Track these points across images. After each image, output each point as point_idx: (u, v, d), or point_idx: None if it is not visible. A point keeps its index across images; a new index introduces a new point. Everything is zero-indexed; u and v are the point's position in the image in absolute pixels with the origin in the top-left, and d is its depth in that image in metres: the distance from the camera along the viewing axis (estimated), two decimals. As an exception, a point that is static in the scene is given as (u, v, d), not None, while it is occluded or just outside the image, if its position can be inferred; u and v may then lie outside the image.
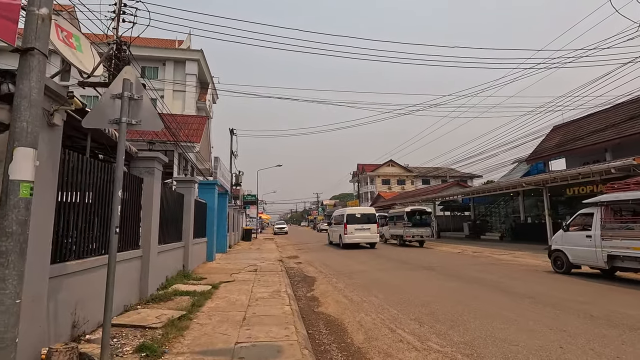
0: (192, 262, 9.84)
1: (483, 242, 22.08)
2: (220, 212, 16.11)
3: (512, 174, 31.28)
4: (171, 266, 7.89)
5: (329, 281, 9.05)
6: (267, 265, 11.57)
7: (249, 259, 13.51)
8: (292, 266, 12.54)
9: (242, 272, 10.03)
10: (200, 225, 11.55)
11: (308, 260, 14.15)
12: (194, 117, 25.31)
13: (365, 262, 13.09)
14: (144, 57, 33.09)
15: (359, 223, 19.01)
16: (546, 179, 15.65)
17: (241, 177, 33.41)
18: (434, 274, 9.78)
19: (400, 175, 64.61)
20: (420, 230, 20.13)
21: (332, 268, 11.54)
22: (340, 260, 13.98)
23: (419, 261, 12.89)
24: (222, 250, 15.90)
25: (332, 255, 16.26)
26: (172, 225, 8.00)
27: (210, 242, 12.46)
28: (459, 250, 17.35)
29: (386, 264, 12.18)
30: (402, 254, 15.76)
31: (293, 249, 20.95)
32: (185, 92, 33.71)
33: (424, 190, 38.74)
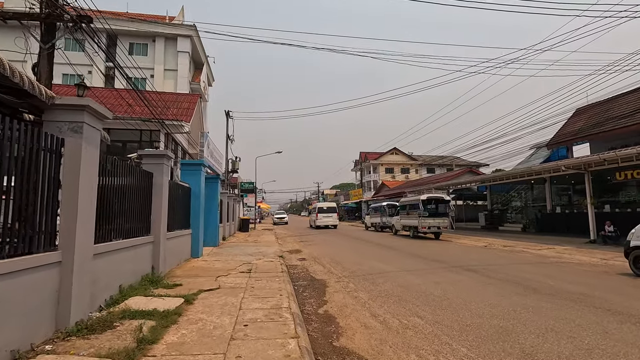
0: (168, 262, 7.66)
1: (505, 234, 19.94)
2: (209, 199, 13.88)
3: (529, 161, 29.00)
4: (128, 271, 5.68)
5: (346, 288, 6.87)
6: (265, 264, 9.40)
7: (243, 255, 11.35)
8: (295, 264, 10.38)
9: (232, 273, 7.85)
10: (182, 215, 9.34)
11: (313, 256, 11.99)
12: (185, 95, 22.89)
13: (385, 258, 10.92)
14: (131, 32, 30.39)
15: (325, 213, 29.80)
16: (591, 161, 13.39)
17: (238, 163, 31.15)
18: (482, 277, 7.58)
19: (404, 164, 62.32)
20: (437, 221, 17.97)
21: (344, 267, 9.38)
22: (352, 255, 11.82)
23: (448, 258, 10.72)
24: (212, 243, 13.72)
25: (342, 250, 14.09)
26: (128, 213, 5.77)
27: (195, 234, 10.27)
28: (484, 244, 15.20)
29: (411, 262, 10.00)
30: (422, 249, 13.59)
31: (294, 241, 18.81)
32: (178, 71, 31.15)
33: (435, 178, 36.50)
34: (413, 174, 60.79)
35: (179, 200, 8.99)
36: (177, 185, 8.84)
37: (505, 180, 19.50)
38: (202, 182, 10.49)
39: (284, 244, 17.11)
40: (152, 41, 31.17)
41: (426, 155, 64.52)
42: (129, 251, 5.68)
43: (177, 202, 8.81)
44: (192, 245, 10.23)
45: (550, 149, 27.38)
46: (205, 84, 36.93)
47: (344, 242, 17.15)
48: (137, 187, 6.18)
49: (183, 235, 9.31)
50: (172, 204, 8.19)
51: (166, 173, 7.17)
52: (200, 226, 10.49)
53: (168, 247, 7.61)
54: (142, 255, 6.33)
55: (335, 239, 19.61)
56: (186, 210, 9.85)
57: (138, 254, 6.11)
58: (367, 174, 63.24)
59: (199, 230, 10.36)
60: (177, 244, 8.60)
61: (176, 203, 8.67)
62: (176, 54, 31.24)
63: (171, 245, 7.99)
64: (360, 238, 19.82)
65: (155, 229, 6.83)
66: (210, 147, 11.30)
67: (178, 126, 17.52)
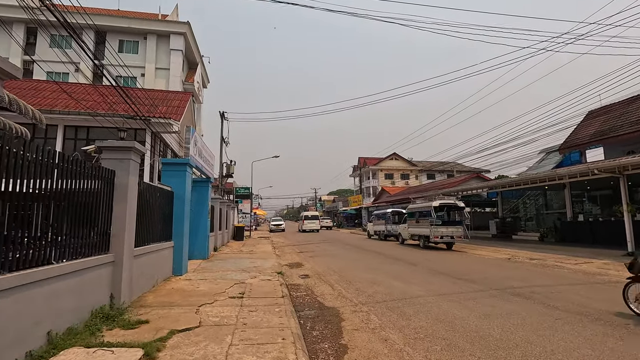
0: (136, 285, 5.98)
1: (522, 244, 18.39)
2: (198, 205, 12.22)
3: (540, 166, 27.62)
4: (66, 308, 4.00)
5: (367, 322, 5.22)
6: (261, 284, 7.73)
7: (236, 270, 9.66)
8: (297, 282, 8.71)
9: (219, 300, 6.17)
10: (161, 224, 7.68)
11: (317, 272, 10.32)
12: (175, 92, 21.27)
13: (402, 275, 9.28)
14: (122, 28, 28.93)
15: (310, 219, 37.13)
16: (628, 163, 11.91)
17: (233, 167, 29.46)
18: (540, 307, 5.95)
19: (404, 170, 60.92)
20: (450, 230, 16.39)
21: (358, 288, 7.72)
22: (362, 271, 10.15)
23: (478, 275, 9.10)
24: (201, 255, 12.02)
25: (348, 263, 12.43)
26: (72, 225, 4.14)
27: (179, 247, 8.59)
28: (506, 256, 13.61)
29: (436, 281, 8.36)
30: (441, 262, 11.98)
31: (293, 251, 17.12)
32: (170, 69, 29.58)
33: (440, 184, 35.00)
34: (413, 179, 59.40)
35: (157, 207, 7.34)
36: (153, 188, 7.18)
37: (522, 185, 18.01)
38: (187, 184, 8.84)
39: (283, 255, 15.42)
40: (143, 38, 29.62)
41: (426, 161, 63.27)
42: (67, 279, 4.01)
43: (154, 209, 7.15)
44: (175, 260, 8.55)
45: (563, 154, 26.05)
46: (199, 85, 35.37)
47: (349, 254, 15.48)
48: (90, 189, 4.54)
49: (162, 250, 7.62)
50: (146, 211, 6.54)
51: (134, 172, 5.52)
52: (185, 237, 8.81)
53: (137, 266, 5.94)
54: (94, 281, 4.65)
55: (338, 249, 17.94)
56: (167, 218, 8.19)
57: (87, 281, 4.43)
58: (365, 180, 61.75)
59: (182, 242, 8.67)
60: (152, 260, 6.91)
61: (152, 210, 7.02)
62: (169, 52, 29.71)
63: (143, 264, 6.31)
64: (365, 248, 18.17)
65: (117, 244, 5.15)
66: (199, 145, 9.68)
67: (166, 125, 15.87)
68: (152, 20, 30.05)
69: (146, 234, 6.66)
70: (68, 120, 15.08)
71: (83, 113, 14.67)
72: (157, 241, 7.42)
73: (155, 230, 7.26)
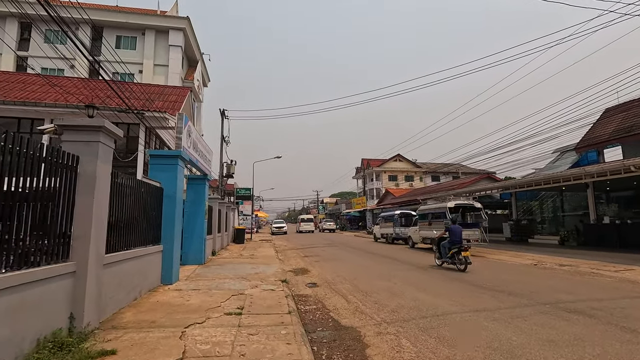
0: (112, 300, 4.87)
1: (542, 248, 17.19)
2: (194, 205, 11.13)
3: (554, 166, 26.42)
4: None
5: (398, 349, 4.07)
6: (263, 295, 6.60)
7: (235, 278, 8.53)
8: (304, 293, 7.57)
9: (212, 317, 5.05)
10: (146, 224, 6.58)
11: (326, 279, 9.18)
12: (173, 87, 20.31)
13: (425, 285, 8.11)
14: (119, 23, 27.97)
15: (305, 222, 43.72)
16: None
17: (234, 167, 28.37)
18: (612, 329, 4.78)
19: (408, 171, 59.77)
20: (466, 233, 15.20)
21: (377, 300, 6.57)
22: (377, 279, 8.99)
23: (513, 286, 7.93)
24: (197, 260, 10.90)
25: (359, 269, 11.28)
26: (13, 224, 3.03)
27: (168, 251, 7.47)
28: (531, 261, 12.43)
29: (468, 293, 7.20)
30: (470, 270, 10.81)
31: (297, 255, 15.98)
32: (169, 66, 28.59)
33: (449, 185, 33.81)
34: (417, 181, 58.22)
35: (141, 204, 6.24)
36: (136, 182, 6.08)
37: (543, 184, 16.83)
38: (179, 180, 7.73)
39: (286, 259, 14.28)
40: (141, 34, 28.67)
41: (430, 162, 62.09)
42: None
43: (138, 207, 6.04)
44: (164, 267, 7.43)
45: (579, 153, 24.86)
46: (199, 83, 34.35)
47: (357, 259, 14.33)
48: (43, 178, 3.44)
49: (147, 255, 6.51)
50: (126, 208, 5.43)
51: (105, 158, 4.42)
52: (176, 240, 7.69)
53: (112, 276, 4.83)
54: (46, 298, 3.52)
55: (345, 253, 16.79)
56: (155, 218, 7.08)
57: (33, 300, 3.31)
58: (369, 182, 60.57)
59: (173, 246, 7.55)
60: (133, 268, 5.79)
61: (135, 208, 5.91)
62: (167, 48, 28.74)
63: (121, 273, 5.20)
64: (374, 252, 17.01)
65: (80, 249, 4.03)
66: (193, 137, 8.59)
67: (162, 119, 14.82)
68: (150, 15, 29.11)
69: (126, 237, 5.55)
70: (55, 114, 14.03)
71: (71, 106, 13.62)
72: (141, 245, 6.31)
73: (139, 232, 6.15)
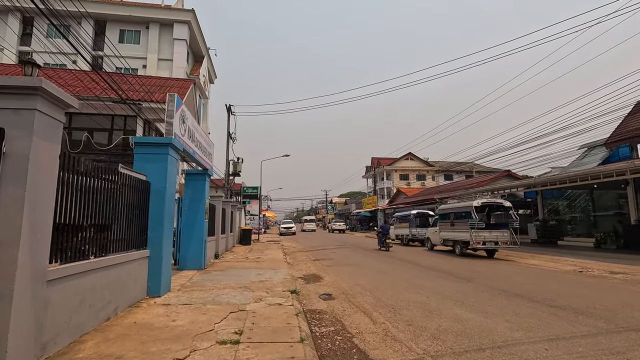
0: (68, 326, 3.65)
1: (575, 252, 15.62)
2: (192, 203, 9.94)
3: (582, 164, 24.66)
4: None
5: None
6: (268, 313, 5.32)
7: (236, 288, 7.29)
8: (319, 308, 6.28)
9: (200, 348, 3.79)
10: (127, 225, 5.38)
11: (343, 289, 7.87)
12: (175, 79, 19.22)
13: (465, 299, 6.75)
14: (123, 17, 27.08)
15: (308, 222, 50.52)
16: None
17: (240, 165, 27.22)
18: None
19: (420, 170, 58.04)
20: (494, 234, 13.76)
21: (410, 320, 5.25)
22: (403, 289, 7.65)
23: (575, 300, 6.51)
24: (195, 265, 9.70)
25: (378, 276, 9.94)
26: None
27: (157, 257, 6.26)
28: (572, 267, 10.95)
29: (526, 311, 5.81)
30: (503, 277, 9.39)
31: (307, 258, 14.70)
32: (173, 60, 27.62)
33: (467, 183, 32.17)
34: (429, 180, 56.50)
35: (119, 200, 5.03)
36: (111, 173, 4.87)
37: (579, 181, 15.26)
38: (169, 172, 6.52)
39: (295, 263, 13.02)
40: (145, 28, 27.75)
41: (443, 161, 60.28)
42: None
43: (113, 203, 4.83)
44: (151, 276, 6.21)
45: (610, 148, 23.10)
46: (205, 79, 33.34)
47: (374, 262, 12.99)
48: None
49: (126, 263, 5.29)
50: (91, 204, 4.22)
51: (45, 133, 3.18)
52: (165, 243, 6.47)
53: (65, 294, 3.62)
54: None
55: (359, 256, 15.46)
56: (139, 217, 5.87)
57: None
58: (379, 181, 59.04)
59: (162, 250, 6.33)
60: (102, 282, 4.58)
61: (110, 204, 4.70)
62: (172, 42, 27.77)
63: (79, 290, 3.98)
64: (390, 255, 15.64)
65: (6, 263, 2.82)
66: (189, 124, 7.38)
67: (160, 111, 13.73)
68: (154, 8, 28.14)
69: (93, 242, 4.34)
70: (47, 105, 13.00)
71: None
72: (118, 250, 5.10)
73: (115, 234, 4.94)
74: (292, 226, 39.05)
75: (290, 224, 39.97)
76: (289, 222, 42.86)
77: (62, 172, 3.56)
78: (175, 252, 10.08)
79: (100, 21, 27.06)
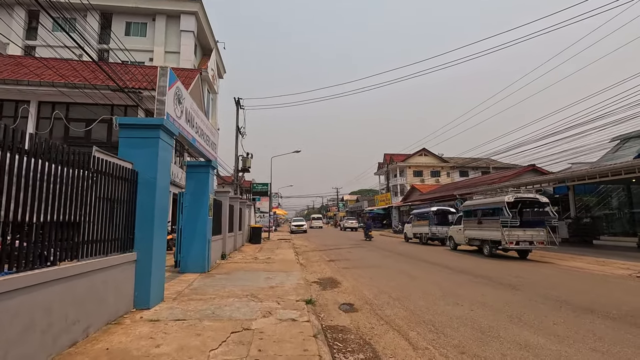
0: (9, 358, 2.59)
1: (617, 252, 14.13)
2: (194, 199, 8.92)
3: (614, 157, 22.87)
4: None
5: None
6: (280, 332, 4.20)
7: (241, 297, 6.21)
8: (340, 324, 5.14)
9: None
10: (109, 223, 4.35)
11: (366, 298, 6.71)
12: (180, 69, 18.29)
13: (524, 315, 5.52)
14: (129, 9, 26.30)
15: (316, 219, 52.34)
16: None
17: (250, 160, 26.24)
18: None
19: (434, 166, 56.25)
20: (528, 233, 12.40)
21: (463, 347, 4.05)
22: (442, 300, 6.45)
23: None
24: (198, 268, 8.68)
25: (407, 280, 8.74)
26: None
27: (146, 261, 5.22)
28: (626, 271, 9.55)
29: (618, 334, 4.59)
30: (553, 283, 8.10)
31: (321, 259, 13.58)
32: (180, 53, 26.78)
33: (488, 178, 30.57)
34: (444, 177, 54.73)
35: (94, 193, 3.99)
36: (79, 158, 3.82)
37: (624, 174, 13.75)
38: (160, 159, 5.46)
39: (308, 264, 11.91)
40: (151, 20, 26.94)
41: (458, 157, 58.37)
42: None
43: (85, 196, 3.79)
44: (138, 284, 5.17)
45: (649, 138, 21.29)
46: (214, 73, 32.42)
47: (395, 264, 11.79)
48: None
49: (102, 270, 4.24)
50: (44, 197, 3.17)
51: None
52: (156, 244, 5.42)
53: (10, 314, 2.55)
54: None
55: (377, 255, 14.26)
56: (123, 214, 4.83)
57: None
58: (392, 178, 57.51)
59: (151, 253, 5.28)
60: (65, 297, 3.52)
61: (78, 197, 3.65)
62: (179, 34, 26.90)
63: (22, 310, 2.92)
64: (411, 255, 14.41)
65: None
66: (186, 105, 6.32)
67: (163, 100, 12.68)
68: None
69: (54, 242, 3.28)
70: (42, 95, 12.17)
71: (58, 84, 11.70)
72: (94, 254, 4.06)
73: (89, 234, 3.89)
74: (303, 224, 38.02)
75: (302, 222, 38.93)
76: (300, 219, 41.78)
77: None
78: (176, 253, 9.09)
79: (107, 14, 26.37)
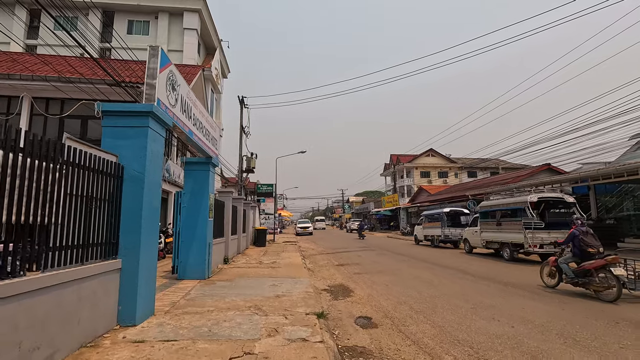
0: None
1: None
2: (193, 199, 8.20)
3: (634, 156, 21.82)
4: None
5: None
6: (287, 357, 3.44)
7: (242, 309, 5.44)
8: (359, 344, 4.32)
9: None
10: (86, 225, 3.62)
11: (386, 310, 5.91)
12: (182, 65, 17.67)
13: (579, 336, 4.72)
14: (131, 7, 25.80)
15: (319, 221, 58.89)
16: None
17: (254, 160, 25.54)
18: None
19: (442, 167, 55.24)
20: (553, 235, 11.49)
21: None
22: (474, 314, 5.64)
23: None
24: (197, 274, 7.94)
25: (428, 289, 7.93)
26: None
27: (132, 269, 4.49)
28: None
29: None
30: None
31: (330, 263, 12.78)
32: (183, 51, 26.23)
33: (501, 178, 29.54)
34: (452, 178, 53.70)
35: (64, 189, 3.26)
36: (44, 147, 3.09)
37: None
38: (149, 152, 4.74)
39: (316, 269, 11.13)
40: (154, 18, 26.44)
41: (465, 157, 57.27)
42: None
43: (51, 193, 3.05)
44: (123, 297, 4.43)
45: (673, 136, 20.23)
46: (218, 72, 31.79)
47: (411, 269, 10.96)
48: None
49: (80, 280, 3.50)
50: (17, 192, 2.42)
51: None
52: (144, 249, 4.68)
53: None
54: None
55: (389, 260, 13.44)
56: (105, 214, 4.10)
57: None
58: (399, 179, 56.57)
59: (138, 259, 4.55)
60: (24, 314, 2.78)
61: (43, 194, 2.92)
62: (182, 32, 26.36)
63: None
64: (425, 259, 13.56)
65: None
66: (182, 93, 5.59)
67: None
68: (164, -4, 26.74)
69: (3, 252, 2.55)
70: (35, 90, 11.54)
71: (51, 78, 11.07)
72: (65, 263, 3.32)
73: (59, 238, 3.16)
74: (309, 226, 37.30)
75: (307, 224, 38.22)
76: (306, 221, 41.07)
77: None
78: (174, 257, 8.37)
79: (109, 12, 25.91)
